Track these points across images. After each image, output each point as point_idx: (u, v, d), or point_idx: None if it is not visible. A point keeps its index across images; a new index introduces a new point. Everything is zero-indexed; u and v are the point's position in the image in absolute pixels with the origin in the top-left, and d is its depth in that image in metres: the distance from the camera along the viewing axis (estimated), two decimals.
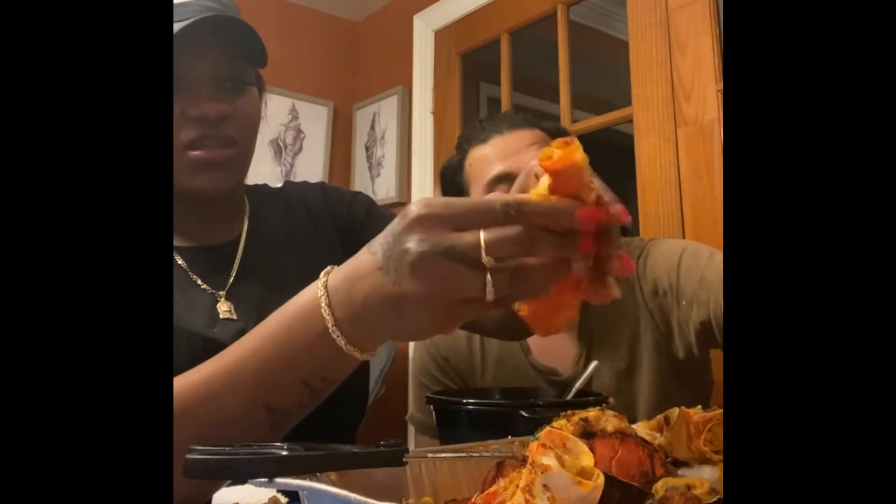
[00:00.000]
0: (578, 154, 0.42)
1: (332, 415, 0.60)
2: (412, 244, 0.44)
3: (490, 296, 0.44)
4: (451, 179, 1.13)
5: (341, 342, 0.49)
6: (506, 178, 1.02)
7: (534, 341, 1.09)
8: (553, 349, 1.07)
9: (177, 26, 0.71)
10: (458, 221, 0.44)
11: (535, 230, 0.44)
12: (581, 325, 1.07)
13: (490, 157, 1.05)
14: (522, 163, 1.00)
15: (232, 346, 0.54)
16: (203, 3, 0.75)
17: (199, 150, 0.75)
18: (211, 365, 0.54)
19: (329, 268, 0.52)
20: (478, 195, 1.04)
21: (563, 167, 0.42)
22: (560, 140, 0.43)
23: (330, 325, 0.49)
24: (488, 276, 0.43)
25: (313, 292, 0.51)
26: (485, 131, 1.09)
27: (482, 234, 0.43)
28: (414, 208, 0.45)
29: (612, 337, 1.04)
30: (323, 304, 0.49)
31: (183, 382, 0.53)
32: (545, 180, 0.44)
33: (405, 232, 0.45)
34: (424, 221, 0.44)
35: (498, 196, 0.45)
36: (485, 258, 0.43)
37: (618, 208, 0.45)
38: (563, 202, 0.44)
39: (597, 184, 0.45)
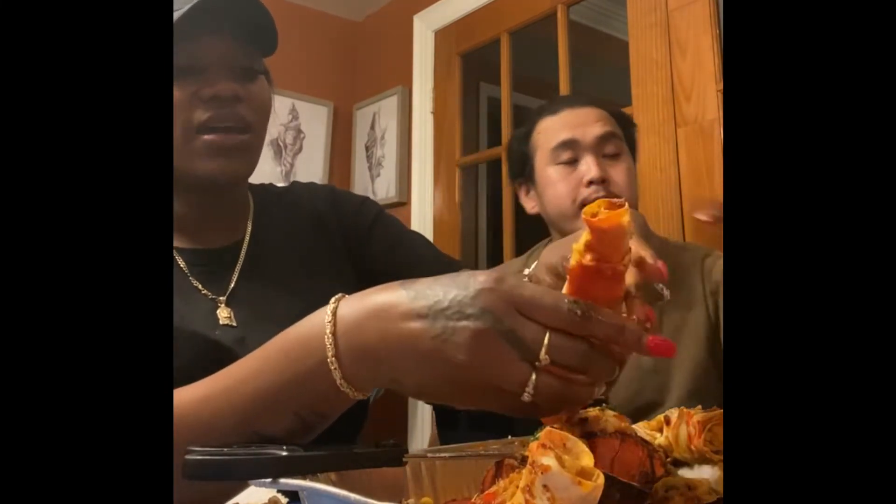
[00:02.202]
0: (625, 218, 0.40)
1: (336, 420, 0.59)
2: (477, 313, 0.41)
3: (527, 397, 0.41)
4: (516, 148, 1.21)
5: (336, 375, 0.45)
6: (570, 144, 1.10)
7: None
8: None
9: (185, 8, 0.70)
10: (525, 307, 0.42)
11: (598, 353, 0.42)
12: None
13: (557, 126, 1.13)
14: (588, 133, 1.09)
15: (231, 367, 0.52)
16: None
17: (212, 133, 0.74)
18: (208, 385, 0.52)
19: (340, 295, 0.48)
20: (542, 160, 1.12)
21: (608, 227, 0.40)
22: (607, 200, 0.41)
23: (329, 353, 0.45)
24: (534, 376, 0.41)
25: (320, 318, 0.47)
26: (556, 104, 1.17)
27: (549, 333, 0.41)
28: (484, 278, 0.43)
29: (662, 324, 1.08)
30: (327, 332, 0.46)
31: (177, 401, 0.51)
32: (585, 235, 0.42)
33: (471, 297, 0.42)
34: (496, 294, 0.42)
35: (567, 296, 0.43)
36: (543, 356, 0.41)
37: (660, 265, 0.45)
38: (631, 323, 0.42)
39: (635, 248, 0.44)
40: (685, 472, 0.42)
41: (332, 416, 0.51)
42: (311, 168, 2.62)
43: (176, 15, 0.70)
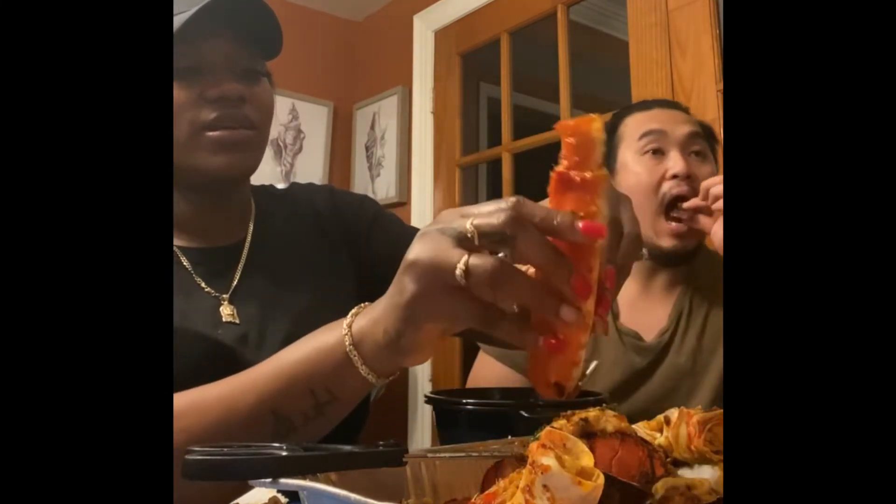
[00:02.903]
0: (595, 125, 0.43)
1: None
2: (429, 224, 0.47)
3: (459, 272, 0.43)
4: None
5: (347, 341, 0.52)
6: (658, 135, 1.08)
7: (623, 304, 1.11)
8: (642, 315, 1.08)
9: (194, 10, 0.72)
10: (467, 211, 0.46)
11: (528, 223, 0.42)
12: (679, 302, 1.09)
13: (646, 119, 1.12)
14: (677, 129, 1.07)
15: (258, 365, 0.58)
16: None
17: (217, 131, 0.76)
18: (233, 377, 0.58)
19: (364, 304, 0.55)
20: (627, 149, 1.11)
21: (574, 133, 0.43)
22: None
23: (345, 323, 0.52)
24: (465, 256, 0.43)
25: (340, 324, 0.54)
26: (649, 103, 1.17)
27: (476, 215, 0.45)
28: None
29: (711, 326, 1.07)
30: (351, 311, 0.53)
31: (204, 389, 0.57)
32: (561, 151, 0.44)
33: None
34: (446, 211, 0.47)
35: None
36: (469, 227, 0.44)
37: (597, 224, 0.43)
38: (564, 213, 0.43)
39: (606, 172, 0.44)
40: (685, 472, 0.42)
41: (342, 400, 0.56)
42: (311, 168, 2.62)
43: (184, 16, 0.72)
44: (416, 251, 0.46)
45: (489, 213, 0.44)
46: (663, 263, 1.09)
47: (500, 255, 0.45)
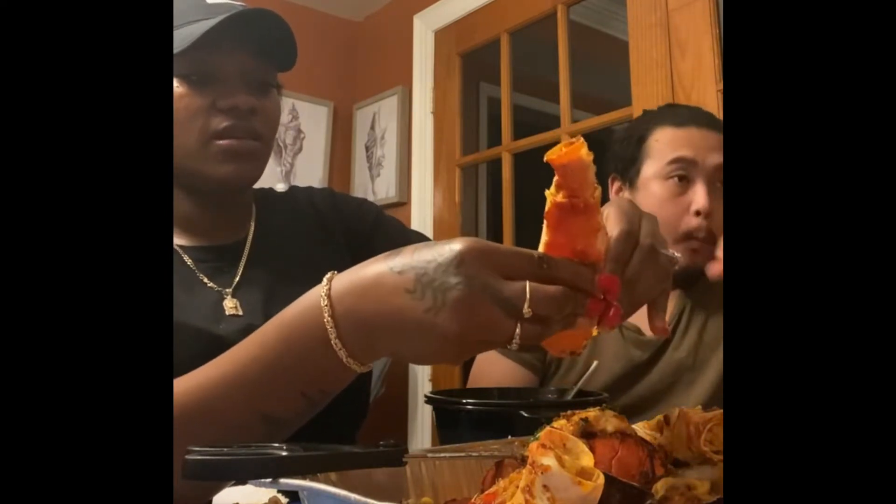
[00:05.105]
0: (583, 150, 0.45)
1: (335, 414, 0.60)
2: (461, 280, 0.44)
3: (515, 347, 0.45)
4: (625, 148, 1.15)
5: (342, 355, 0.48)
6: (688, 163, 1.06)
7: None
8: (644, 310, 1.08)
9: (213, 21, 0.73)
10: (504, 267, 0.45)
11: (568, 291, 0.45)
12: (681, 298, 1.09)
13: (680, 141, 1.09)
14: (709, 159, 1.05)
15: (229, 352, 0.53)
16: (234, 3, 0.79)
17: (226, 140, 0.77)
18: (206, 371, 0.53)
19: (331, 274, 0.50)
20: (652, 169, 1.08)
21: (569, 161, 0.44)
22: (567, 140, 0.45)
23: (332, 336, 0.48)
24: (519, 327, 0.44)
25: (314, 299, 0.49)
26: (682, 117, 1.12)
27: (528, 287, 0.44)
28: (461, 244, 0.45)
29: (713, 323, 1.06)
30: (326, 315, 0.48)
31: (178, 390, 0.52)
32: (555, 179, 0.46)
33: (453, 265, 0.44)
34: (474, 260, 0.44)
35: (532, 251, 0.47)
36: (526, 309, 0.44)
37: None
38: (584, 268, 0.47)
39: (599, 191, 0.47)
40: (685, 472, 0.42)
41: (336, 392, 0.53)
42: (311, 168, 2.62)
43: (206, 25, 0.73)
44: (463, 322, 0.44)
45: (548, 296, 0.45)
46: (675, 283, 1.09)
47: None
